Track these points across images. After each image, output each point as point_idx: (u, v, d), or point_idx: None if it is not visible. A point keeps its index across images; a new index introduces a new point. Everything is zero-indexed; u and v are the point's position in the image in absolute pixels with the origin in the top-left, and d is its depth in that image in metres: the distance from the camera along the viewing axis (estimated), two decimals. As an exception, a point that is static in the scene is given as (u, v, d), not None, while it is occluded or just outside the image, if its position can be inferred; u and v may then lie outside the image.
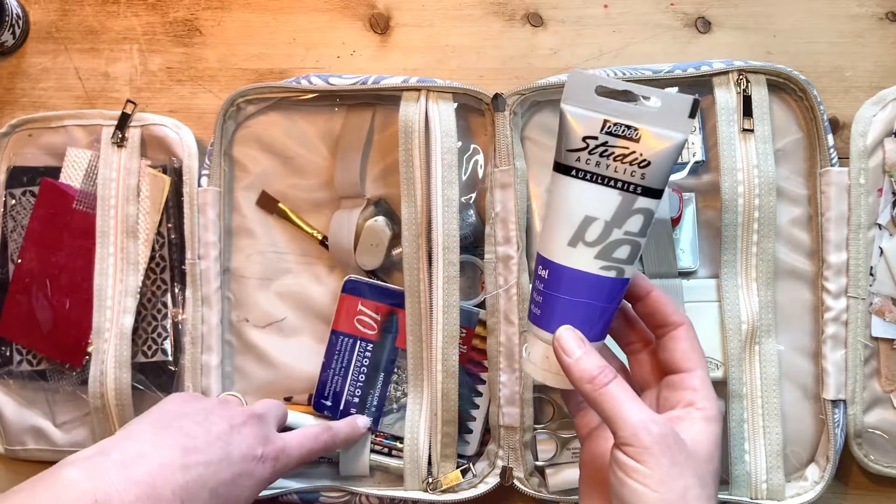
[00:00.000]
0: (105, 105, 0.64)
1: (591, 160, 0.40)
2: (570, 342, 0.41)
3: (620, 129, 0.40)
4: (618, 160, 0.40)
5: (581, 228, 0.41)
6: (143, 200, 0.61)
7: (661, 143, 0.40)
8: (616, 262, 0.41)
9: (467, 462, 0.58)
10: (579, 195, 0.41)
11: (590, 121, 0.40)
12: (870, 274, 0.56)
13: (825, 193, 0.56)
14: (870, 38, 0.60)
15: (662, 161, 0.40)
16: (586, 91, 0.41)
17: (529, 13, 0.62)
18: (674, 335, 0.44)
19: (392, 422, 0.59)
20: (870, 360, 0.56)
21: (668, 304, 0.45)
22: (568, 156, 0.41)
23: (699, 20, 0.61)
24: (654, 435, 0.38)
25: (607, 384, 0.40)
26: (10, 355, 0.62)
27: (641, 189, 0.40)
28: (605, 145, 0.40)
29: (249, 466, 0.47)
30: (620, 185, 0.40)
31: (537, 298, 0.43)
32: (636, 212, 0.40)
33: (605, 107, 0.40)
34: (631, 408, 0.39)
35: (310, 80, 0.59)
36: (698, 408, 0.42)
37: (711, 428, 0.42)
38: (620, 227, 0.41)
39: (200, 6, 0.64)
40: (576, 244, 0.41)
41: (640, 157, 0.40)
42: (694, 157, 0.57)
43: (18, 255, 0.62)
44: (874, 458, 0.56)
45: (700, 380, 0.43)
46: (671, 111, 0.40)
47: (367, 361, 0.59)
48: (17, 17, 0.64)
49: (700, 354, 0.44)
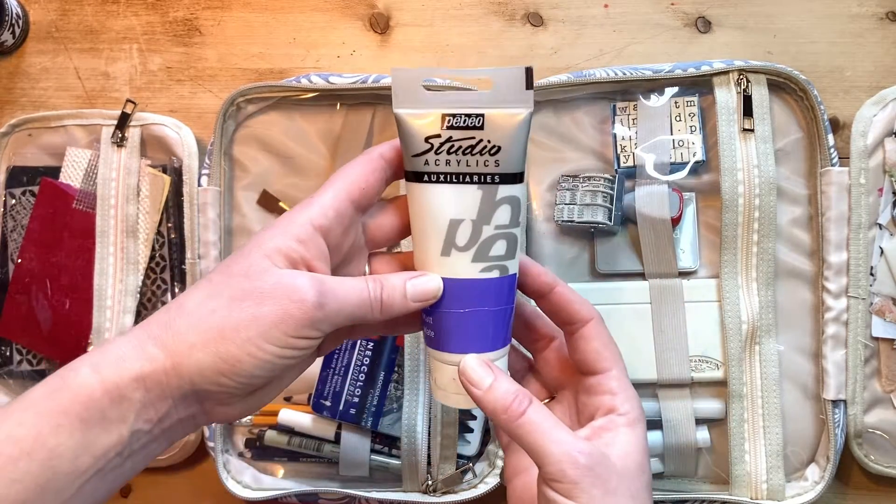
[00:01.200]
0: (105, 105, 0.64)
1: (439, 160, 0.37)
2: (476, 371, 0.38)
3: (460, 119, 0.37)
4: (467, 153, 0.37)
5: (449, 234, 0.38)
6: (143, 200, 0.61)
7: (506, 123, 0.37)
8: (495, 260, 0.39)
9: (467, 462, 0.58)
10: (438, 199, 0.38)
11: (427, 119, 0.37)
12: (870, 274, 0.56)
13: (825, 193, 0.56)
14: (870, 38, 0.59)
15: (513, 142, 0.37)
16: (414, 89, 0.38)
17: (529, 13, 0.62)
18: (583, 333, 0.42)
19: (392, 422, 0.59)
20: (870, 360, 0.56)
21: (574, 299, 0.42)
22: (414, 161, 0.38)
23: (699, 20, 0.61)
24: (581, 468, 0.36)
25: (524, 412, 0.37)
26: (10, 355, 0.62)
27: (499, 177, 0.38)
28: (450, 140, 0.37)
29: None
30: (477, 178, 0.37)
31: (427, 320, 0.40)
32: (501, 202, 0.38)
33: (439, 100, 0.37)
34: (553, 438, 0.37)
35: (310, 80, 0.59)
36: (620, 413, 0.40)
37: (637, 433, 0.40)
38: (489, 223, 0.38)
39: (200, 6, 0.64)
40: (448, 252, 0.38)
41: (489, 143, 0.37)
42: (694, 157, 0.57)
43: (18, 255, 0.62)
44: (874, 458, 0.56)
45: (617, 380, 0.41)
46: (507, 88, 0.37)
47: (368, 361, 0.59)
48: (17, 17, 0.64)
49: (613, 351, 0.42)
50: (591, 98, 0.59)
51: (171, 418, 0.36)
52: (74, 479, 0.34)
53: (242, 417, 0.39)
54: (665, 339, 0.57)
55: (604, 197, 0.56)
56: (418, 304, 0.39)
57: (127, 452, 0.35)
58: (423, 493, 0.57)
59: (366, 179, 0.39)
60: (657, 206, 0.56)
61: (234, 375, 0.35)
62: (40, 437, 0.33)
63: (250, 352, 0.35)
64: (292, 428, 0.59)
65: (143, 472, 0.62)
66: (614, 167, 0.58)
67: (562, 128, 0.60)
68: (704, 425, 0.57)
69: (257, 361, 0.35)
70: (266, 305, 0.35)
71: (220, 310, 0.35)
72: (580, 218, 0.56)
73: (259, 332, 0.35)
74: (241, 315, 0.35)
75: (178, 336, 0.35)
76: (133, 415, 0.35)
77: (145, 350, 0.35)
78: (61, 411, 0.33)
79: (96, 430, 0.34)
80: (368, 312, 0.38)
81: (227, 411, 0.38)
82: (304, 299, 0.35)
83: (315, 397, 0.59)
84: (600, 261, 0.58)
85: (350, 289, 0.37)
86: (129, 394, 0.34)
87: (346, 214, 0.39)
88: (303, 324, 0.35)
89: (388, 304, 0.38)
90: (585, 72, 0.58)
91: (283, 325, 0.35)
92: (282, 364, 0.36)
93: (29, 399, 0.34)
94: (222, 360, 0.35)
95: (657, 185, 0.57)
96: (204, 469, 0.62)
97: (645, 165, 0.57)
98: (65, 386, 0.34)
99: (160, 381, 0.35)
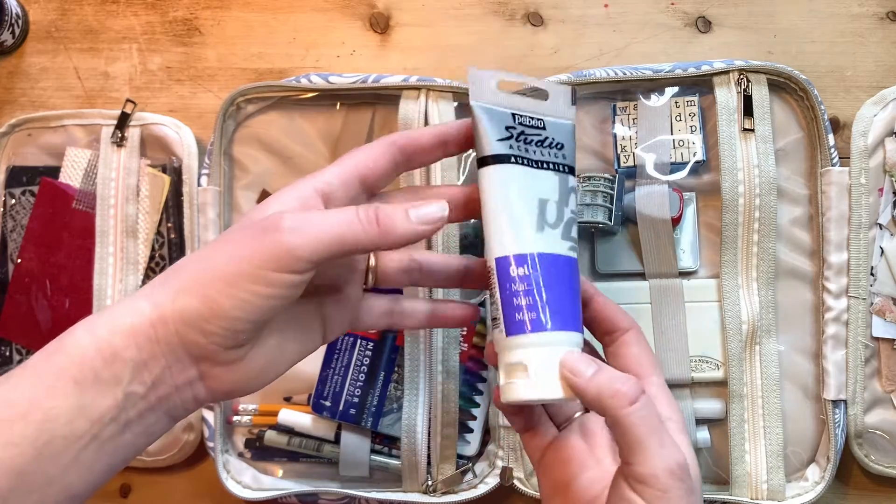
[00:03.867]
0: (104, 105, 0.64)
1: (520, 146, 0.40)
2: (580, 360, 0.37)
3: (527, 119, 0.41)
4: (539, 145, 0.40)
5: (541, 212, 0.39)
6: (143, 200, 0.61)
7: (562, 128, 0.41)
8: (574, 241, 0.40)
9: (467, 462, 0.58)
10: (528, 179, 0.40)
11: (502, 115, 0.40)
12: (870, 274, 0.56)
13: (826, 193, 0.56)
14: (870, 38, 0.59)
15: (569, 142, 0.41)
16: (489, 88, 0.41)
17: (529, 13, 0.62)
18: (624, 340, 0.41)
19: (392, 422, 0.59)
20: (870, 361, 0.56)
21: (615, 308, 0.42)
22: (499, 145, 0.40)
23: (699, 20, 0.61)
24: (675, 477, 0.35)
25: (636, 400, 0.35)
26: (9, 355, 0.62)
27: (567, 168, 0.41)
28: (524, 133, 0.40)
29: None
30: (552, 166, 0.40)
31: (527, 302, 0.38)
32: (571, 190, 0.41)
33: (508, 101, 0.41)
34: (661, 440, 0.35)
35: (310, 79, 0.59)
36: (673, 420, 0.39)
37: (687, 440, 0.39)
38: (567, 206, 0.40)
39: (200, 5, 0.64)
40: (542, 228, 0.39)
41: (554, 139, 0.41)
42: (694, 157, 0.57)
43: (18, 255, 0.62)
44: (875, 458, 0.56)
45: (657, 387, 0.40)
46: (558, 101, 0.42)
47: (368, 361, 0.59)
48: (17, 17, 0.64)
49: (652, 358, 0.41)
50: (591, 98, 0.59)
51: (166, 383, 0.35)
52: (71, 444, 0.33)
53: (243, 391, 0.38)
54: (665, 340, 0.57)
55: (604, 197, 0.56)
56: (425, 227, 0.36)
57: (123, 419, 0.34)
58: (423, 493, 0.57)
59: (375, 160, 0.39)
60: (657, 206, 0.56)
61: (216, 319, 0.34)
62: (35, 400, 0.33)
63: (228, 292, 0.34)
64: (292, 428, 0.59)
65: (143, 472, 0.62)
66: (614, 167, 0.58)
67: (562, 128, 0.60)
68: (704, 425, 0.57)
69: (235, 301, 0.34)
70: (242, 243, 0.34)
71: (205, 258, 0.35)
72: (580, 218, 0.56)
73: (236, 270, 0.34)
74: (220, 257, 0.35)
75: (165, 286, 0.35)
76: (127, 375, 0.34)
77: (135, 305, 0.35)
78: (56, 373, 0.33)
79: (91, 392, 0.33)
80: (362, 235, 0.35)
81: (223, 375, 0.36)
82: (277, 226, 0.34)
83: (315, 397, 0.59)
84: (600, 261, 0.58)
85: (333, 213, 0.35)
86: (120, 352, 0.34)
87: (352, 186, 0.38)
88: (279, 254, 0.33)
89: (388, 225, 0.35)
90: (585, 72, 0.58)
91: (258, 258, 0.34)
92: (264, 305, 0.34)
93: (27, 364, 0.34)
94: (202, 304, 0.34)
95: (657, 185, 0.57)
96: (204, 469, 0.62)
97: (645, 165, 0.57)
98: (60, 348, 0.34)
99: (148, 334, 0.34)
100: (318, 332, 0.40)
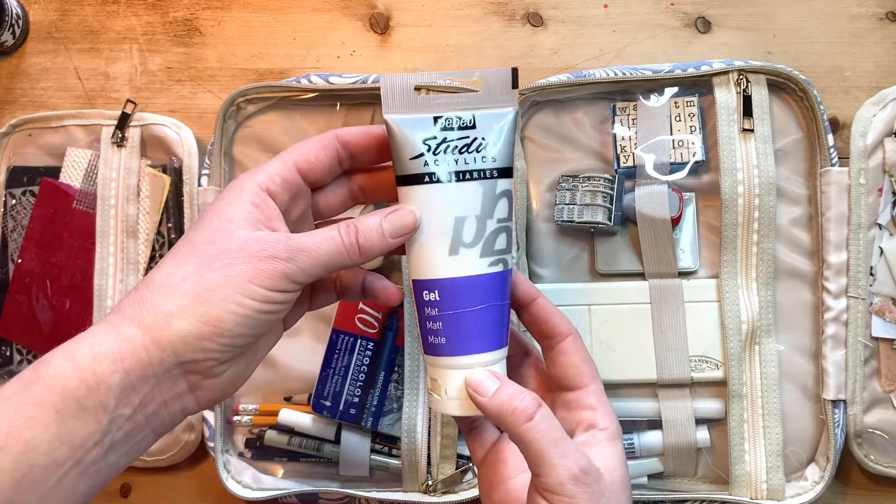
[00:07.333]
0: (105, 105, 0.64)
1: (438, 160, 0.38)
2: (482, 379, 0.38)
3: (453, 121, 0.38)
4: (463, 152, 0.38)
5: (456, 233, 0.38)
6: (143, 200, 0.61)
7: (497, 122, 0.39)
8: (499, 253, 0.39)
9: (467, 462, 0.58)
10: (442, 199, 0.38)
11: (421, 122, 0.38)
12: (870, 274, 0.56)
13: (825, 193, 0.56)
14: (870, 38, 0.60)
15: (504, 139, 0.39)
16: (404, 94, 0.38)
17: (529, 13, 0.62)
18: (562, 348, 0.42)
19: (392, 422, 0.59)
20: (870, 360, 0.56)
21: (555, 312, 0.42)
22: (413, 164, 0.38)
23: (699, 20, 0.61)
24: (580, 483, 0.36)
25: (532, 416, 0.37)
26: (10, 355, 0.62)
27: (497, 172, 0.39)
28: (446, 141, 0.38)
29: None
30: (477, 174, 0.38)
31: (435, 327, 0.39)
32: (500, 196, 0.39)
33: (430, 104, 0.38)
34: (560, 450, 0.36)
35: (310, 80, 0.59)
36: (601, 428, 0.40)
37: (618, 448, 0.40)
38: (492, 217, 0.39)
39: (200, 6, 0.64)
40: (457, 250, 0.38)
41: (484, 141, 0.38)
42: (694, 157, 0.57)
43: (18, 255, 0.62)
44: (874, 458, 0.56)
45: (596, 395, 0.41)
46: (496, 88, 0.39)
47: (368, 360, 0.59)
48: (17, 17, 0.64)
49: (591, 366, 0.42)
50: (590, 98, 0.59)
51: (155, 401, 0.35)
52: (51, 473, 0.33)
53: (228, 395, 0.39)
54: (665, 339, 0.57)
55: (604, 197, 0.56)
56: (399, 240, 0.39)
57: (108, 442, 0.34)
58: (423, 493, 0.57)
59: (315, 154, 0.39)
60: (657, 206, 0.56)
61: (218, 337, 0.35)
62: (14, 431, 0.32)
63: (231, 309, 0.35)
64: (292, 428, 0.59)
65: (143, 472, 0.62)
66: (614, 167, 0.58)
67: (562, 128, 0.60)
68: (704, 425, 0.57)
69: (238, 318, 0.35)
70: (236, 266, 0.35)
71: (191, 277, 0.35)
72: (580, 218, 0.56)
73: (235, 290, 0.35)
74: (213, 277, 0.35)
75: (153, 309, 0.35)
76: (113, 400, 0.34)
77: (120, 331, 0.35)
78: (35, 403, 0.33)
79: (73, 420, 0.33)
80: (346, 259, 0.38)
81: (213, 385, 0.37)
82: (273, 256, 0.36)
83: (315, 397, 0.59)
84: (600, 261, 0.58)
85: (321, 240, 0.37)
86: (106, 378, 0.34)
87: (294, 182, 0.39)
88: (276, 278, 0.36)
89: (367, 248, 0.38)
90: (585, 72, 0.58)
91: (258, 280, 0.35)
92: (264, 319, 0.36)
93: (1, 395, 0.33)
94: (204, 323, 0.35)
95: (657, 185, 0.57)
96: (204, 469, 0.62)
97: (645, 165, 0.57)
98: (37, 378, 0.33)
99: (140, 358, 0.34)
100: (282, 325, 0.42)
